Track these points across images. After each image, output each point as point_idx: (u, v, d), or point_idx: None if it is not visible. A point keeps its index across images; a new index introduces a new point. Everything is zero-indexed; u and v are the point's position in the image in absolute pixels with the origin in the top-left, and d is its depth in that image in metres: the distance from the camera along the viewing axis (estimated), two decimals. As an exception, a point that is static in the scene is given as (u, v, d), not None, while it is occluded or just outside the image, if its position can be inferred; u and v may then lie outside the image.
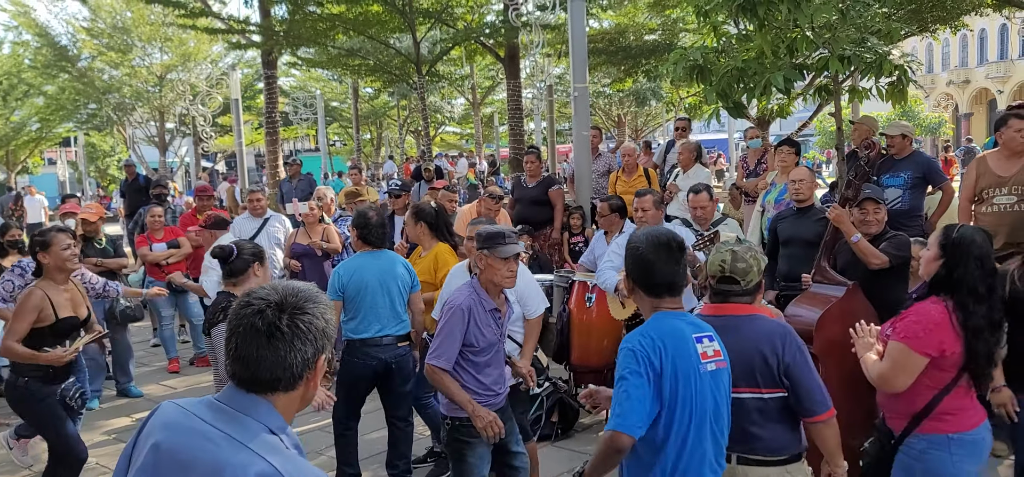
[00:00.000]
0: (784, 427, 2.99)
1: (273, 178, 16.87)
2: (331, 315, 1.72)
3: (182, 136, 29.93)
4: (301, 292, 1.69)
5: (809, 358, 2.97)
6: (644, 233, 2.82)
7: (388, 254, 4.96)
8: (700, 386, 2.63)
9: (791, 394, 2.92)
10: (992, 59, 46.31)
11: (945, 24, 12.44)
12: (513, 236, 3.81)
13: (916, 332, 3.08)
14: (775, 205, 6.53)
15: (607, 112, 32.39)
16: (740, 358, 2.90)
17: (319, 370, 1.70)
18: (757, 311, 3.05)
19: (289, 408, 1.69)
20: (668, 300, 2.74)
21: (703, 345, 2.67)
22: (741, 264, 3.01)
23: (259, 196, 8.01)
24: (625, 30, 18.60)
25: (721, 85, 6.78)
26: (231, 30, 16.90)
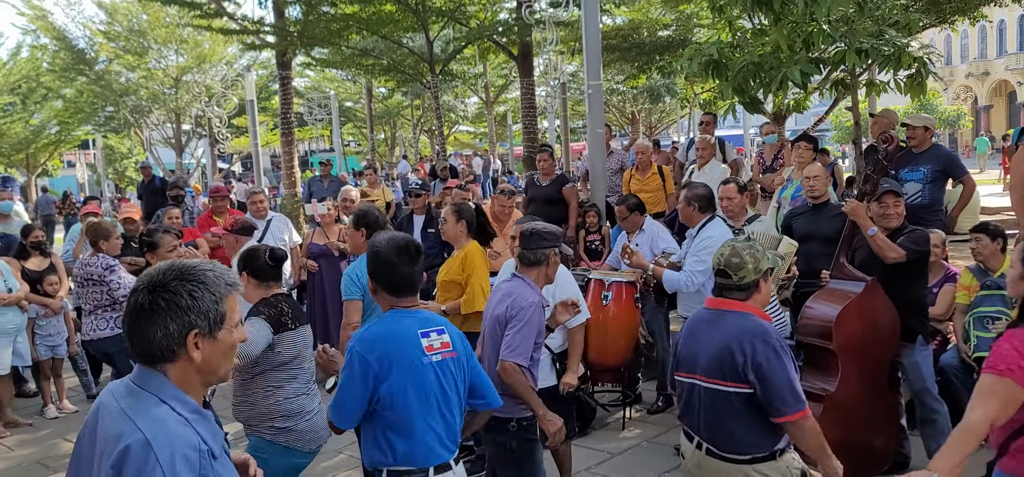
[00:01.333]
0: (751, 425, 3.02)
1: (289, 178, 16.94)
2: (207, 293, 1.80)
3: (198, 137, 30.12)
4: (174, 270, 1.81)
5: (785, 360, 2.97)
6: (385, 237, 3.03)
7: None
8: (423, 375, 2.85)
9: (759, 392, 2.97)
10: (1012, 50, 45.78)
11: (964, 15, 12.28)
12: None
13: (1017, 362, 2.62)
14: (791, 201, 6.48)
15: (621, 109, 32.30)
16: (715, 351, 3.05)
17: (215, 342, 1.81)
18: (748, 309, 3.11)
19: (185, 378, 1.81)
20: (407, 299, 2.96)
21: (430, 339, 2.90)
22: (735, 259, 3.12)
23: (261, 197, 8.01)
24: (639, 26, 18.54)
25: (737, 80, 6.76)
26: (246, 31, 16.97)
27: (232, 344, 1.86)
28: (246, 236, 6.07)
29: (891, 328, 4.43)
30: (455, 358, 2.93)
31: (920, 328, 4.64)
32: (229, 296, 1.85)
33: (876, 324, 4.37)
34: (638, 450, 5.60)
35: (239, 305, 1.93)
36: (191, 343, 1.77)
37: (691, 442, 3.21)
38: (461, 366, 2.96)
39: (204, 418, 1.81)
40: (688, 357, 3.22)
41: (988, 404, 2.62)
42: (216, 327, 1.81)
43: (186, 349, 1.77)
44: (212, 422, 1.85)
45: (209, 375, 1.85)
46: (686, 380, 3.22)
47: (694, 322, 3.31)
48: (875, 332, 4.34)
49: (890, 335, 4.43)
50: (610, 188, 8.97)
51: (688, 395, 3.21)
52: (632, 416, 6.18)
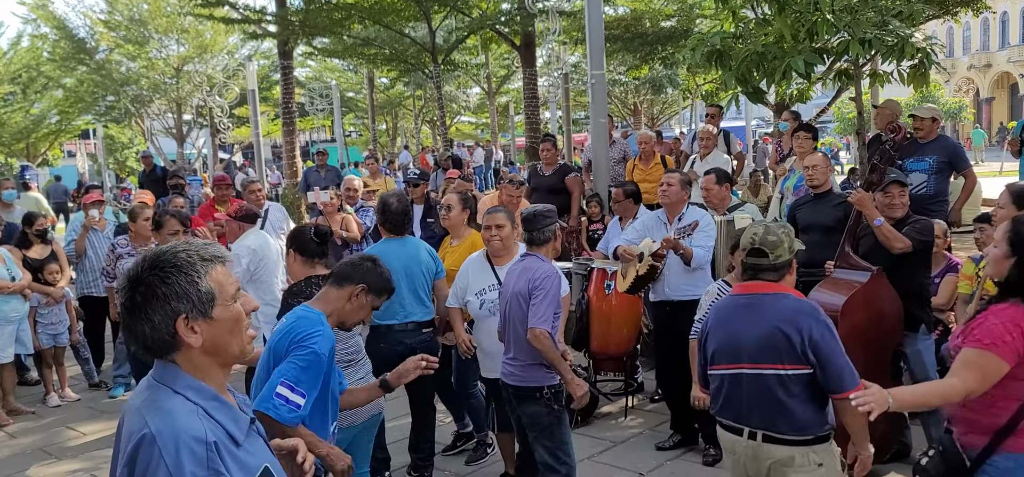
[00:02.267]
0: (808, 406, 3.00)
1: (291, 169, 16.92)
2: (181, 274, 1.74)
3: (199, 127, 30.08)
4: (146, 261, 1.76)
5: (837, 336, 2.97)
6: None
7: (413, 241, 4.94)
8: None
9: (818, 371, 2.94)
10: (1014, 42, 45.61)
11: (967, 6, 12.27)
12: None
13: (1002, 336, 2.69)
14: (793, 191, 6.47)
15: (623, 100, 32.23)
16: (765, 335, 2.98)
17: (213, 322, 1.75)
18: (784, 289, 3.09)
19: (196, 365, 1.77)
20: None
21: None
22: (772, 237, 3.09)
23: (258, 186, 8.02)
24: (641, 16, 18.48)
25: (740, 70, 6.74)
26: (247, 20, 16.95)
27: (235, 318, 1.79)
28: (249, 223, 6.07)
29: (895, 317, 4.43)
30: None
31: (923, 317, 4.64)
32: (211, 271, 1.77)
33: (881, 313, 4.37)
34: (640, 439, 5.61)
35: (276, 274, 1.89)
36: (183, 329, 1.72)
37: (740, 435, 3.10)
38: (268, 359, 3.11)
39: (224, 405, 1.78)
40: (728, 348, 3.12)
41: (968, 375, 2.71)
42: (207, 306, 1.74)
43: (180, 335, 1.73)
44: (234, 409, 1.81)
45: (221, 357, 1.80)
46: (728, 372, 3.12)
47: (724, 311, 3.21)
48: (880, 321, 4.34)
49: (894, 324, 4.43)
50: (613, 178, 8.98)
51: (730, 387, 3.12)
52: (634, 405, 6.19)
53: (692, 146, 9.71)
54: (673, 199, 5.42)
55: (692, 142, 9.94)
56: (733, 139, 9.31)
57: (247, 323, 1.84)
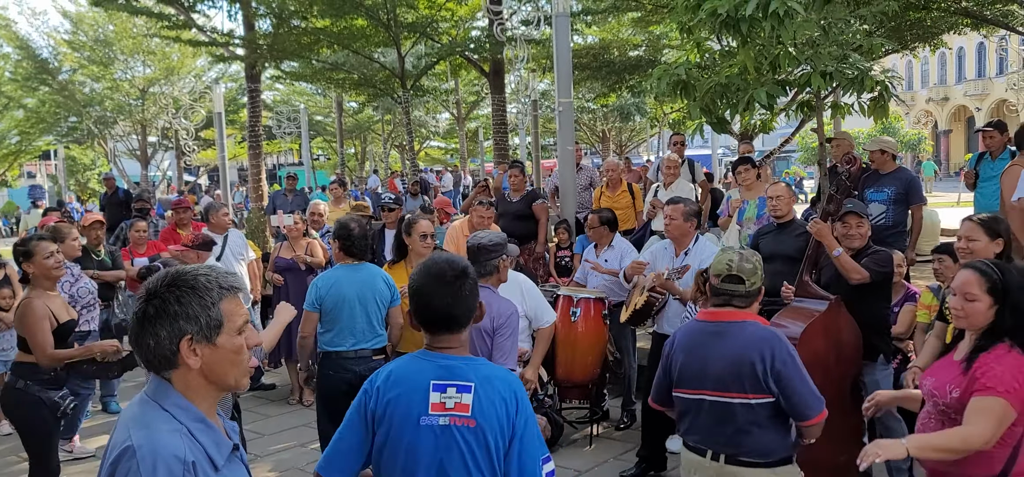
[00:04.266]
0: (772, 432, 3.06)
1: (256, 192, 16.78)
2: (196, 297, 1.78)
3: (164, 150, 29.74)
4: (168, 277, 1.81)
5: (800, 363, 3.03)
6: (424, 261, 2.55)
7: (369, 267, 4.90)
8: (416, 440, 2.33)
9: (782, 399, 3.00)
10: (970, 77, 46.91)
11: (924, 42, 12.61)
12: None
13: (1010, 384, 2.70)
14: (756, 220, 6.56)
15: (592, 128, 32.51)
16: (731, 364, 3.03)
17: (215, 349, 1.78)
18: (752, 317, 3.15)
19: (189, 386, 1.79)
20: (441, 338, 2.42)
21: (444, 395, 2.33)
22: (747, 265, 3.16)
23: (226, 211, 7.92)
24: (609, 45, 18.68)
25: (704, 100, 6.82)
26: (215, 43, 16.84)
27: (236, 349, 1.82)
28: (206, 251, 6.01)
29: (854, 346, 4.47)
30: (472, 428, 2.30)
31: (882, 347, 4.70)
32: (225, 300, 1.81)
33: (840, 342, 4.42)
34: (605, 467, 5.60)
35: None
36: (186, 349, 1.76)
37: (704, 457, 3.14)
38: (483, 440, 2.30)
39: (209, 429, 1.80)
40: (694, 373, 3.15)
41: (988, 422, 2.69)
42: (213, 332, 1.78)
43: (182, 355, 1.76)
44: (218, 433, 1.82)
45: (217, 382, 1.83)
46: (691, 397, 3.17)
47: (692, 335, 3.25)
48: (839, 350, 4.39)
49: (853, 353, 4.48)
50: (580, 204, 9.02)
51: (697, 412, 3.16)
52: (599, 433, 6.18)
53: (657, 174, 9.81)
54: (675, 233, 5.49)
55: (657, 171, 10.05)
56: (698, 167, 9.42)
57: (248, 356, 1.87)
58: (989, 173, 7.10)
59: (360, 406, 2.45)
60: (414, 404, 2.35)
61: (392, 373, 2.44)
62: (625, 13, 16.10)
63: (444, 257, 2.53)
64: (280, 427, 6.81)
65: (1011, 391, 2.69)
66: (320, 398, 4.86)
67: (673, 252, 5.49)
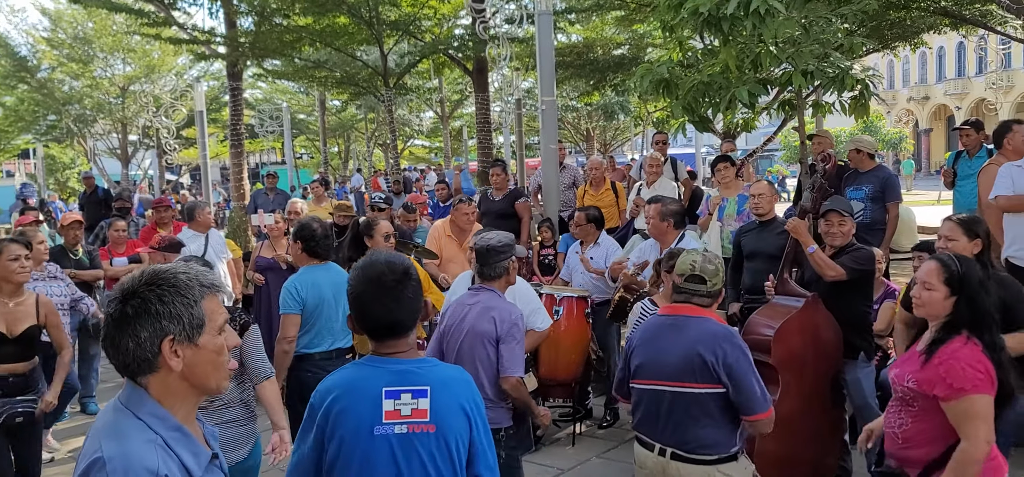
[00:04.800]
0: (719, 426, 3.15)
1: (238, 191, 16.67)
2: (179, 296, 1.72)
3: (145, 148, 29.47)
4: (146, 276, 1.74)
5: (751, 361, 3.15)
6: (360, 264, 2.43)
7: (335, 267, 4.86)
8: (370, 450, 2.24)
9: (731, 392, 3.09)
10: (950, 76, 47.35)
11: (905, 41, 12.72)
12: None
13: (984, 380, 2.77)
14: (736, 218, 6.59)
15: (576, 126, 32.53)
16: (683, 355, 3.14)
17: (197, 349, 1.72)
18: (710, 315, 3.26)
19: (168, 391, 1.73)
20: (388, 343, 2.34)
21: (397, 402, 2.25)
22: (710, 266, 3.26)
23: (207, 211, 7.86)
24: (593, 44, 18.70)
25: (687, 99, 6.84)
26: (196, 41, 16.71)
27: (217, 349, 1.76)
28: (174, 253, 5.95)
29: (833, 344, 4.49)
30: (432, 434, 2.24)
31: (863, 345, 4.71)
32: (206, 298, 1.75)
33: (817, 339, 4.44)
34: (588, 466, 5.60)
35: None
36: (168, 350, 1.69)
37: (652, 451, 3.24)
38: (444, 446, 2.25)
39: (186, 437, 1.73)
40: (650, 364, 3.26)
41: (979, 425, 2.75)
42: (195, 332, 1.71)
43: (163, 357, 1.68)
44: (195, 442, 1.76)
45: (198, 385, 1.76)
46: (648, 387, 3.26)
47: (652, 329, 3.36)
48: (816, 347, 4.40)
49: (832, 351, 4.49)
50: (563, 203, 9.02)
51: (649, 402, 3.25)
52: (582, 431, 6.18)
53: (640, 173, 9.83)
54: (655, 233, 5.53)
55: (640, 169, 10.06)
56: (680, 165, 9.44)
57: (227, 358, 1.81)
58: (966, 171, 7.17)
59: (309, 419, 2.36)
60: (366, 414, 2.25)
61: (338, 383, 2.33)
62: (609, 11, 16.12)
63: (383, 259, 2.41)
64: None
65: (978, 383, 2.77)
66: (300, 400, 4.81)
67: (659, 251, 5.50)
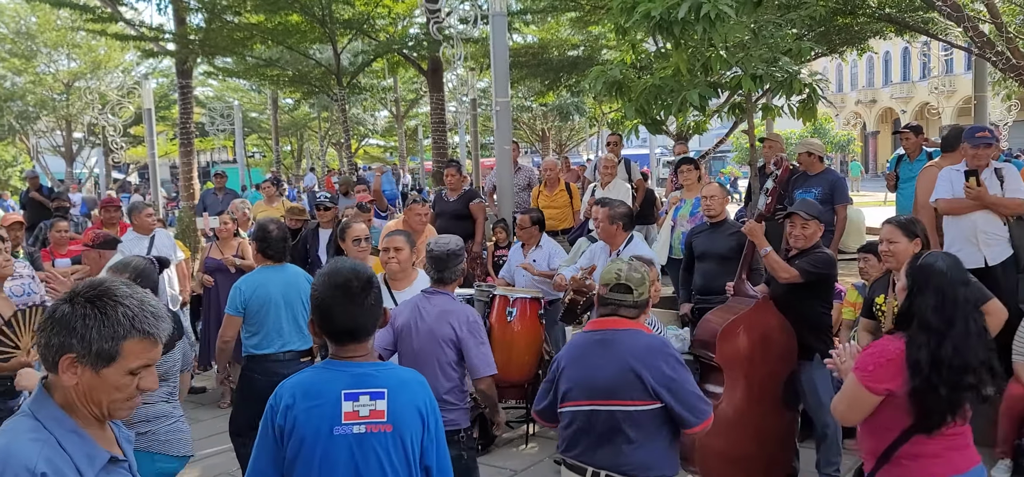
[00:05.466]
0: (656, 446, 3.03)
1: (188, 191, 16.36)
2: (103, 324, 1.72)
3: (91, 146, 28.76)
4: (93, 287, 1.77)
5: (686, 371, 3.05)
6: (323, 271, 2.48)
7: (291, 268, 4.83)
8: (330, 450, 2.32)
9: (672, 404, 2.98)
10: (896, 81, 48.57)
11: (852, 46, 13.00)
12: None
13: (867, 365, 2.77)
14: (689, 219, 6.66)
15: (531, 127, 32.61)
16: (617, 373, 3.00)
17: (96, 377, 1.72)
18: (639, 326, 3.12)
19: (67, 399, 1.75)
20: (349, 347, 2.41)
21: (356, 403, 2.33)
22: (636, 274, 3.12)
23: (150, 211, 7.64)
24: (548, 45, 18.77)
25: (639, 101, 6.90)
26: (143, 37, 16.35)
27: (119, 386, 1.75)
28: (110, 250, 5.78)
29: (784, 345, 4.52)
30: (389, 434, 2.33)
31: (819, 346, 4.64)
32: (132, 340, 1.73)
33: (766, 340, 4.47)
34: (541, 467, 5.60)
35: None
36: (66, 364, 1.71)
37: (584, 475, 3.08)
38: (400, 444, 2.34)
39: (82, 440, 1.74)
40: (581, 384, 3.08)
41: (840, 397, 2.87)
42: (100, 363, 1.72)
43: (60, 368, 1.71)
44: (92, 444, 1.76)
45: (92, 406, 1.76)
46: (581, 408, 3.08)
47: (579, 347, 3.17)
48: (764, 348, 4.44)
49: (782, 352, 4.52)
50: (518, 204, 9.02)
51: (582, 424, 3.08)
52: (535, 432, 6.18)
53: (594, 174, 9.88)
54: (602, 236, 5.52)
55: (594, 170, 10.12)
56: (634, 167, 9.51)
57: (131, 395, 1.78)
58: (908, 174, 7.35)
59: (267, 422, 2.40)
60: (326, 415, 2.32)
61: (298, 385, 2.39)
62: (563, 13, 16.19)
63: (348, 266, 2.46)
64: (210, 431, 6.64)
65: (860, 369, 2.77)
66: (245, 400, 4.75)
67: (608, 253, 5.52)
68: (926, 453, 2.73)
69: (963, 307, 2.72)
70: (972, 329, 2.71)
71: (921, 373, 2.65)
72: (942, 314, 2.70)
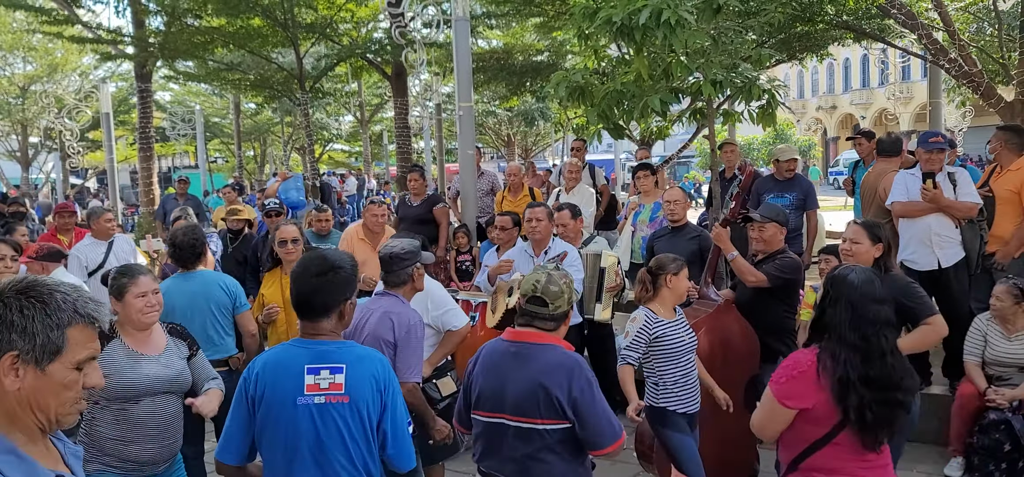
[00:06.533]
0: (566, 462, 2.93)
1: (147, 196, 16.10)
2: (44, 315, 1.60)
3: (48, 151, 28.18)
4: (21, 283, 1.64)
5: (597, 391, 2.92)
6: (302, 256, 2.85)
7: (202, 275, 4.71)
8: (294, 418, 2.62)
9: (577, 427, 2.87)
10: (855, 87, 49.48)
11: (811, 53, 13.21)
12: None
13: (780, 378, 2.74)
14: (649, 223, 6.71)
15: (497, 132, 32.63)
16: (526, 388, 2.89)
17: (42, 376, 1.60)
18: (555, 341, 3.01)
19: (6, 407, 1.59)
20: (308, 324, 2.71)
21: (317, 377, 2.62)
22: (554, 287, 2.99)
23: (110, 216, 7.47)
24: (513, 50, 18.81)
25: (602, 106, 6.93)
26: (101, 40, 16.08)
27: (66, 384, 1.62)
28: (54, 262, 5.64)
29: (746, 349, 4.56)
30: (347, 404, 2.61)
31: (782, 349, 4.67)
32: (76, 326, 1.62)
33: (727, 343, 4.51)
34: (504, 472, 5.58)
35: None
36: (6, 367, 1.55)
37: None
38: (356, 413, 2.62)
39: (20, 460, 1.58)
40: (491, 395, 2.98)
41: (759, 409, 2.85)
42: (45, 357, 1.58)
43: (1, 372, 1.56)
44: (32, 465, 1.60)
45: (39, 413, 1.61)
46: (490, 420, 2.98)
47: (493, 356, 3.06)
48: (726, 352, 4.48)
49: (744, 356, 4.56)
50: (481, 209, 9.01)
51: (491, 436, 3.00)
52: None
53: (559, 179, 9.91)
54: (543, 234, 5.51)
55: (559, 175, 10.14)
56: (598, 172, 9.56)
57: (78, 395, 1.66)
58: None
59: (241, 393, 2.71)
60: (290, 387, 2.63)
61: (268, 360, 2.72)
62: (527, 18, 16.23)
63: (323, 253, 2.79)
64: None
65: (775, 383, 2.74)
66: None
67: (532, 254, 5.54)
68: (842, 469, 2.68)
69: (874, 324, 2.66)
70: (885, 347, 2.66)
71: (853, 392, 2.60)
72: (858, 330, 2.65)
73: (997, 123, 7.18)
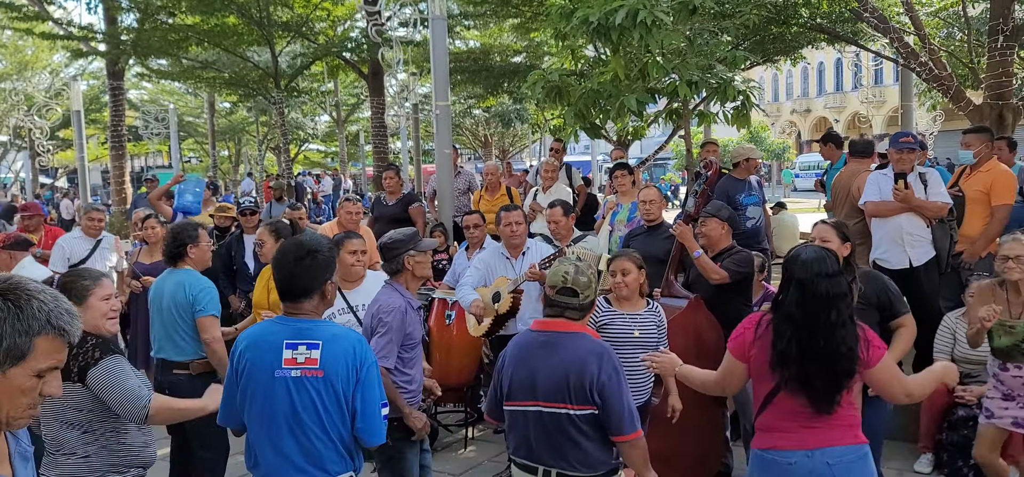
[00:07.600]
0: (597, 444, 3.05)
1: (119, 195, 15.90)
2: (15, 320, 1.61)
3: (17, 150, 27.75)
4: (3, 285, 1.64)
5: (623, 380, 3.04)
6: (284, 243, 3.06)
7: (176, 274, 4.56)
8: (271, 389, 2.84)
9: (601, 412, 3.00)
10: (829, 90, 50.02)
11: (786, 56, 13.34)
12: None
13: (734, 336, 3.11)
14: (627, 223, 6.74)
15: (474, 132, 32.60)
16: (557, 374, 3.01)
17: (2, 378, 1.60)
18: (583, 329, 3.14)
19: None
20: (289, 304, 2.91)
21: (296, 352, 2.83)
22: (583, 278, 3.12)
23: (99, 215, 7.41)
24: (490, 50, 18.81)
25: (578, 106, 6.96)
26: (72, 37, 15.85)
27: (23, 390, 1.62)
28: (20, 252, 5.57)
29: (715, 344, 4.61)
30: (321, 378, 2.80)
31: None
32: (46, 337, 1.62)
33: (699, 340, 4.58)
34: (480, 470, 5.59)
35: None
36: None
37: (535, 474, 3.10)
38: (330, 387, 2.81)
39: None
40: (524, 384, 3.10)
41: (720, 369, 3.19)
42: (8, 361, 1.59)
43: None
44: None
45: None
46: (523, 408, 3.10)
47: (523, 347, 3.18)
48: (698, 348, 4.53)
49: (713, 352, 4.59)
50: (458, 209, 8.99)
51: (525, 425, 3.10)
52: (475, 435, 6.17)
53: (536, 179, 9.91)
54: (521, 238, 5.53)
55: (536, 175, 10.15)
56: (575, 172, 9.57)
57: (34, 401, 1.66)
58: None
59: (231, 366, 2.97)
60: (269, 360, 2.84)
61: (252, 336, 2.93)
62: (505, 19, 16.23)
63: (300, 239, 2.99)
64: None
65: (731, 339, 3.10)
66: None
67: (509, 256, 5.54)
68: (782, 427, 2.96)
69: (825, 300, 2.87)
70: (834, 319, 2.87)
71: (792, 364, 2.87)
72: (804, 308, 2.89)
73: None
